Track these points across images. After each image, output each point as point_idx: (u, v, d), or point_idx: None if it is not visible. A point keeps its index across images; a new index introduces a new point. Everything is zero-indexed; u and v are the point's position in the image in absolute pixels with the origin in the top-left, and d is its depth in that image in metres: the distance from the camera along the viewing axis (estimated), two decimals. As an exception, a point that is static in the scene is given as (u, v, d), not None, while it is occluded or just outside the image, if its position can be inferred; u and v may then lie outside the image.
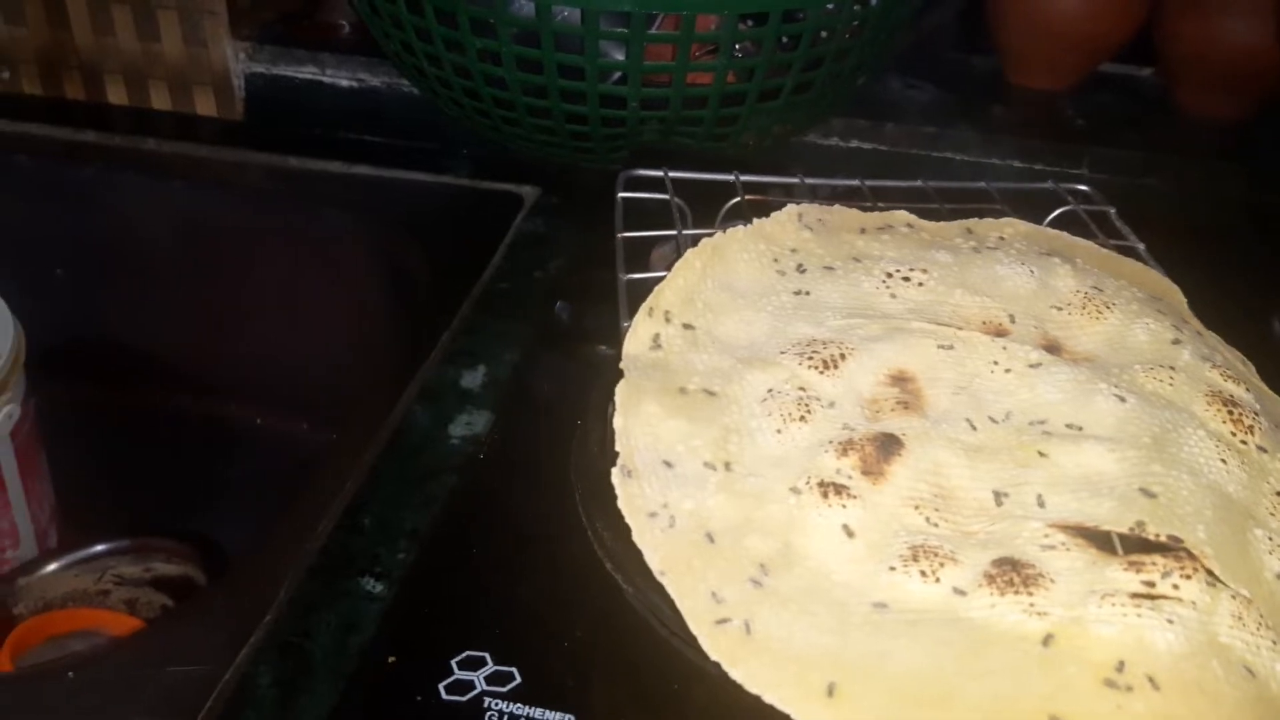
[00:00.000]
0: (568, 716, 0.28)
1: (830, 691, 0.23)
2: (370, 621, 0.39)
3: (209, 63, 0.72)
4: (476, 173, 0.67)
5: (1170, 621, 0.23)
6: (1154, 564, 0.24)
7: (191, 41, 0.72)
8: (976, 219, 0.38)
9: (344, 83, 0.72)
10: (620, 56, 0.54)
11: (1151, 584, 0.24)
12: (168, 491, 0.66)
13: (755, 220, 0.35)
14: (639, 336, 0.31)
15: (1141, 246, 0.40)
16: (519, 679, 0.28)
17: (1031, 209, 0.42)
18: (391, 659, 0.29)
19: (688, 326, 0.32)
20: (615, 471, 0.28)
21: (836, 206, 0.37)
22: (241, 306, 0.69)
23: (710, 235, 0.35)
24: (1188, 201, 0.67)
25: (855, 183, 0.41)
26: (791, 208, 0.36)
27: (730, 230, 0.34)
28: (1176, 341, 0.32)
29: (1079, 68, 0.76)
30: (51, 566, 0.59)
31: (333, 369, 0.65)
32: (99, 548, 0.60)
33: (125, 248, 0.69)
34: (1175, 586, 0.24)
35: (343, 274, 0.66)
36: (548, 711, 0.28)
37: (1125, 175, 0.68)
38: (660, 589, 0.31)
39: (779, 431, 0.28)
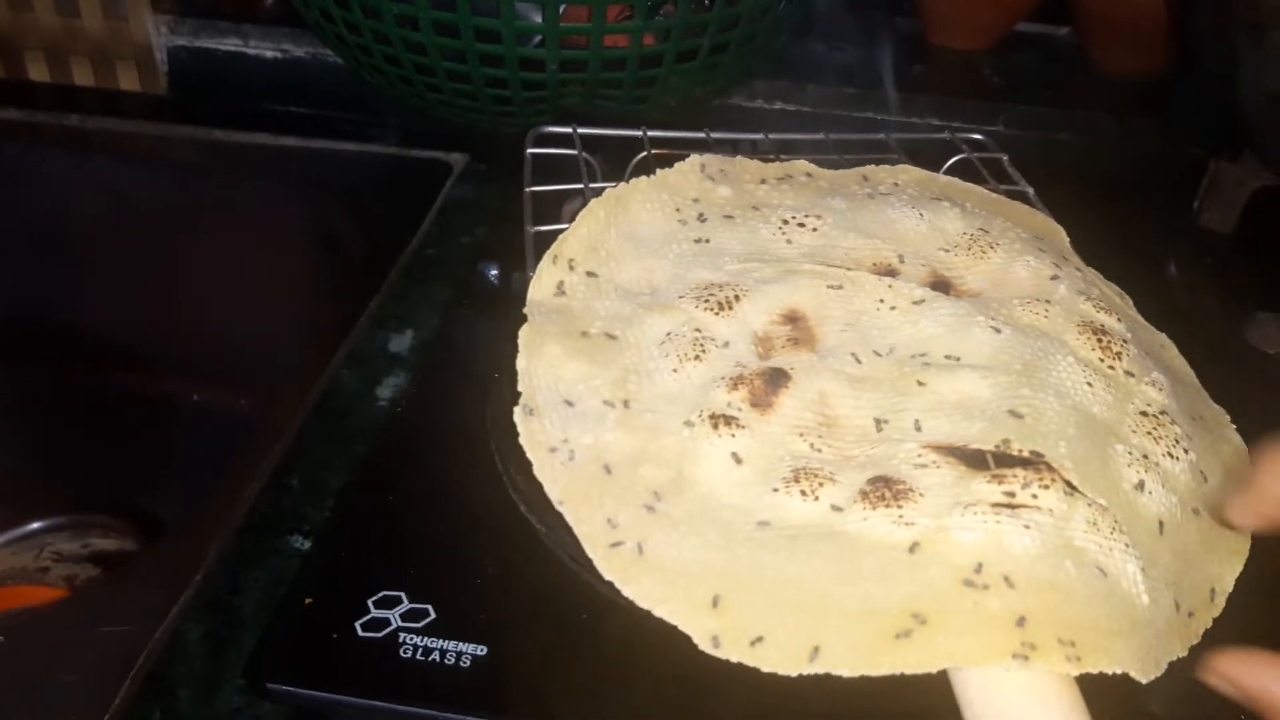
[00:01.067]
0: (481, 647, 0.29)
1: (715, 603, 0.24)
2: (292, 576, 0.40)
3: (130, 37, 0.72)
4: (405, 141, 0.68)
5: (1027, 527, 0.25)
6: (1014, 476, 0.26)
7: (112, 15, 0.71)
8: (872, 166, 0.40)
9: (268, 54, 0.72)
10: (538, 19, 0.54)
11: (1012, 494, 0.26)
12: (105, 469, 0.66)
13: (659, 171, 0.36)
14: (543, 283, 0.33)
15: (1030, 191, 0.42)
16: (434, 615, 0.30)
17: (929, 159, 0.43)
18: (308, 600, 0.30)
19: (591, 274, 0.33)
20: (518, 410, 0.29)
21: (739, 158, 0.38)
22: (173, 281, 0.69)
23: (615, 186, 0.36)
24: (1097, 155, 0.69)
25: (759, 136, 0.42)
26: (694, 158, 0.37)
27: (634, 181, 0.35)
28: (1054, 278, 0.34)
29: (997, 27, 0.78)
30: (-12, 544, 0.59)
31: (267, 341, 0.65)
32: (36, 525, 0.61)
33: (53, 225, 0.69)
34: (1034, 496, 0.26)
35: (274, 246, 0.67)
36: (461, 644, 0.29)
37: (1039, 130, 0.70)
38: (569, 527, 0.32)
39: (675, 370, 0.30)
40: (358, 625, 0.29)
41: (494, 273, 0.48)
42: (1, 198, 0.69)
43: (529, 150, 0.40)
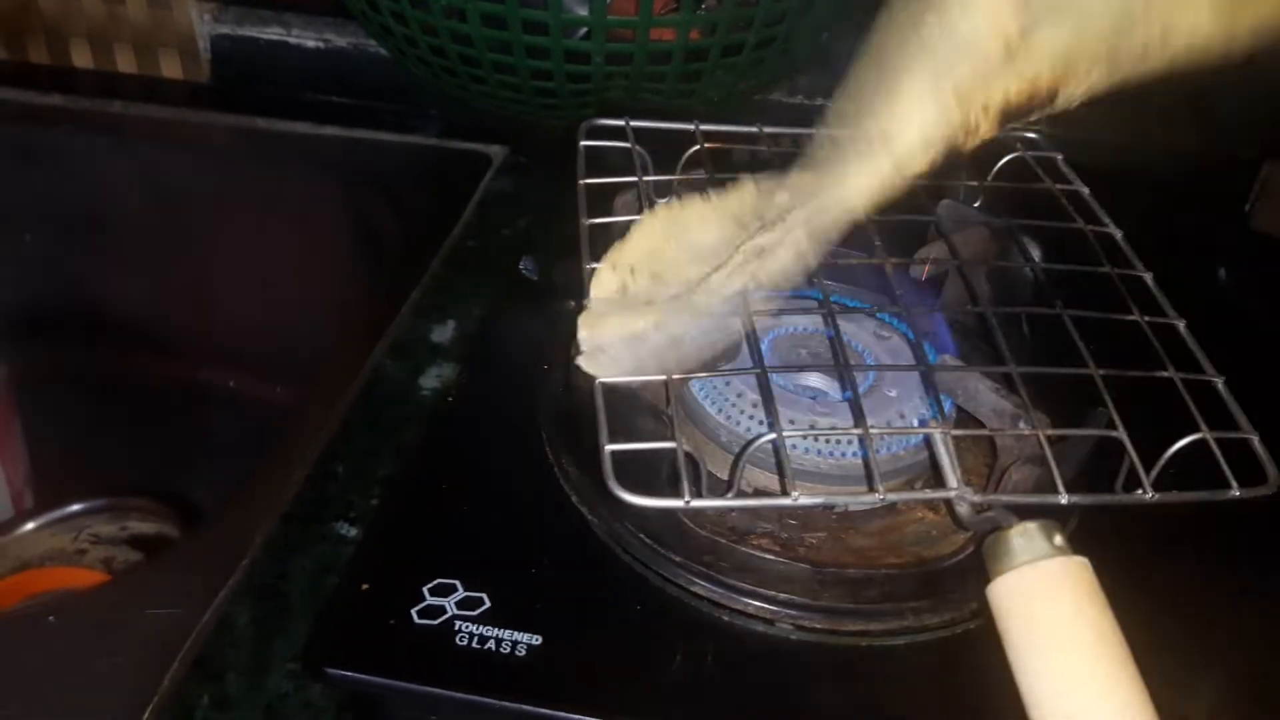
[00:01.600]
0: (536, 637, 0.29)
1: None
2: (345, 563, 0.40)
3: (174, 25, 0.72)
4: (445, 133, 0.68)
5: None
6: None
7: (156, 3, 0.71)
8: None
9: (310, 43, 0.72)
10: (584, 12, 0.54)
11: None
12: (143, 454, 0.67)
13: (712, 194, 0.36)
14: (603, 283, 0.32)
15: (1086, 191, 0.41)
16: (488, 603, 0.30)
17: (980, 157, 0.43)
18: (365, 585, 0.30)
19: (655, 275, 0.33)
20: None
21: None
22: (212, 269, 0.69)
23: (669, 180, 0.36)
24: (1144, 155, 0.68)
25: (812, 131, 0.42)
26: (749, 181, 0.36)
27: (688, 199, 0.35)
28: None
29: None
30: (28, 526, 0.60)
31: (304, 329, 0.65)
32: (75, 507, 0.61)
33: (94, 212, 0.69)
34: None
35: (313, 235, 0.67)
36: (516, 633, 0.29)
37: (1081, 129, 0.69)
38: (622, 518, 0.32)
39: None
40: (414, 612, 0.29)
41: (533, 266, 0.48)
42: (44, 183, 0.69)
43: (582, 143, 0.40)
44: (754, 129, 0.42)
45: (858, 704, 0.28)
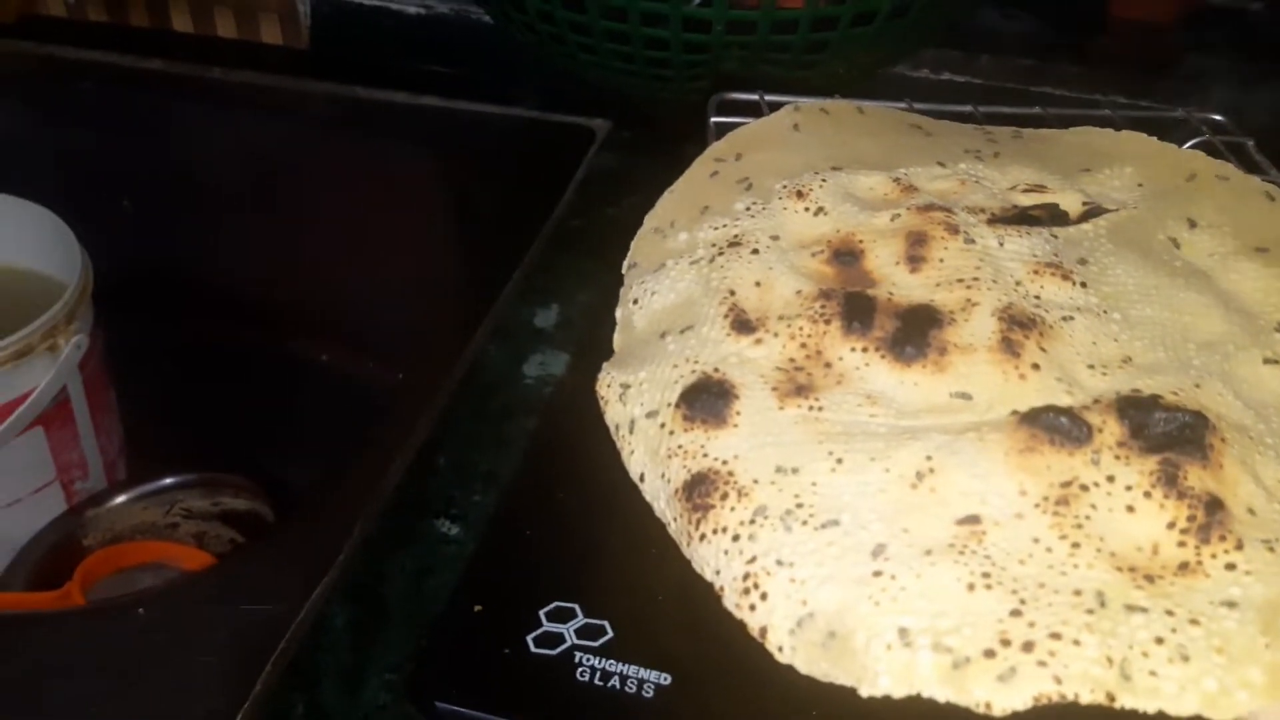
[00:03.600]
0: (665, 675, 0.26)
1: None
2: (445, 565, 0.37)
3: (274, -11, 0.70)
4: (546, 104, 0.65)
5: None
6: None
7: (256, -33, 0.70)
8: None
9: (411, 10, 0.69)
10: (706, -24, 0.50)
11: None
12: (234, 427, 0.66)
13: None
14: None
15: (1290, 182, 0.36)
16: (611, 633, 0.26)
17: (1163, 139, 0.38)
18: (478, 608, 0.27)
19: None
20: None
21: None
22: (307, 240, 0.67)
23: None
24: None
25: (967, 108, 0.38)
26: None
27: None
28: None
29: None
30: (120, 499, 0.59)
31: (399, 305, 0.63)
32: (167, 481, 0.60)
33: (191, 178, 0.68)
34: None
35: (410, 208, 0.65)
36: (643, 669, 0.26)
37: (1237, 112, 0.63)
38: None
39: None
40: (530, 639, 0.26)
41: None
42: (141, 148, 0.68)
43: (713, 119, 0.37)
44: (902, 105, 0.37)
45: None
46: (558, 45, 0.56)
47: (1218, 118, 0.40)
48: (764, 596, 0.22)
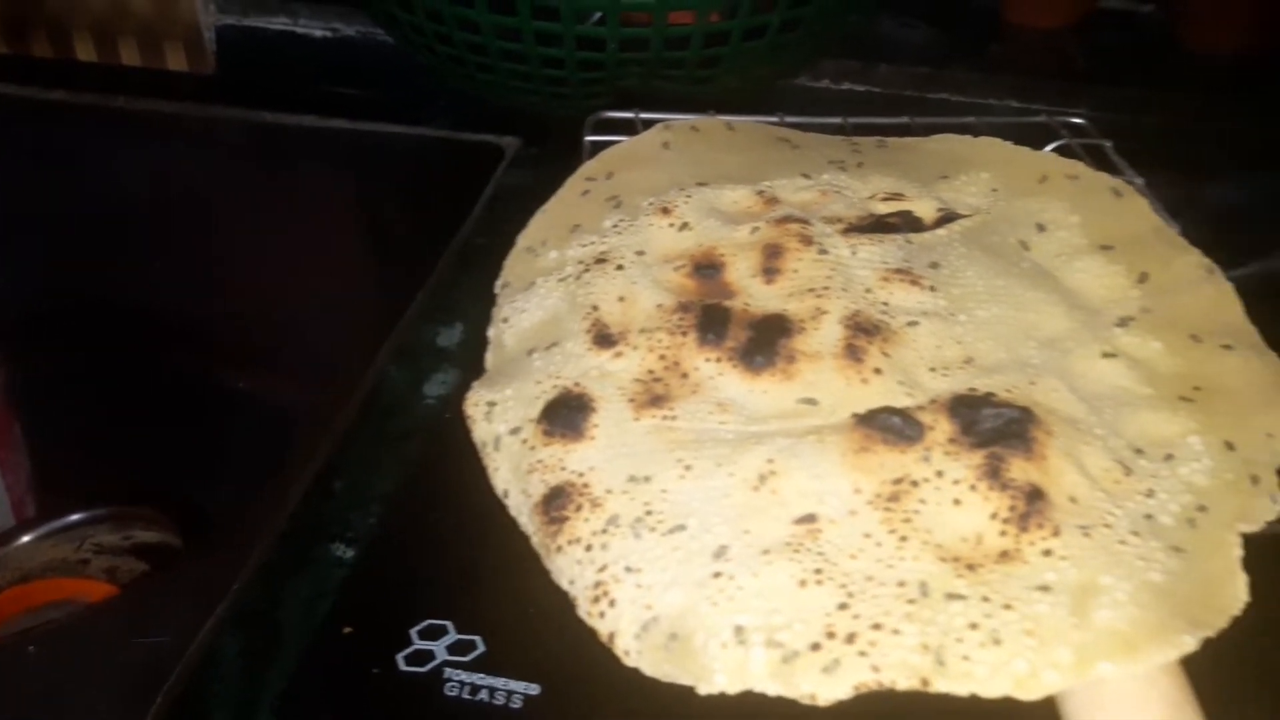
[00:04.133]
0: (534, 686, 0.26)
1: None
2: (339, 589, 0.37)
3: (178, 16, 0.70)
4: (456, 124, 0.65)
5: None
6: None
7: (159, -6, 0.69)
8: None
9: (318, 33, 0.69)
10: (597, -5, 0.51)
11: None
12: (148, 458, 0.65)
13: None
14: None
15: (1140, 181, 0.38)
16: (482, 648, 0.27)
17: (1024, 144, 0.39)
18: (347, 629, 0.27)
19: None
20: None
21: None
22: (220, 266, 0.67)
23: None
24: (1190, 140, 0.64)
25: (837, 120, 0.39)
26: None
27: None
28: None
29: (1079, 3, 0.74)
30: (29, 536, 0.58)
31: (314, 329, 0.63)
32: (76, 516, 0.59)
33: (98, 209, 0.68)
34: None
35: (320, 230, 0.65)
36: (512, 681, 0.26)
37: (1127, 113, 0.65)
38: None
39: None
40: (400, 658, 0.27)
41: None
42: (48, 180, 0.68)
43: (588, 138, 0.37)
44: (774, 119, 0.39)
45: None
46: (457, 66, 0.57)
47: (1078, 121, 0.42)
48: (612, 603, 0.23)
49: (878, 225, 0.31)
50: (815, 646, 0.21)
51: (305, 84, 0.69)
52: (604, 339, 0.28)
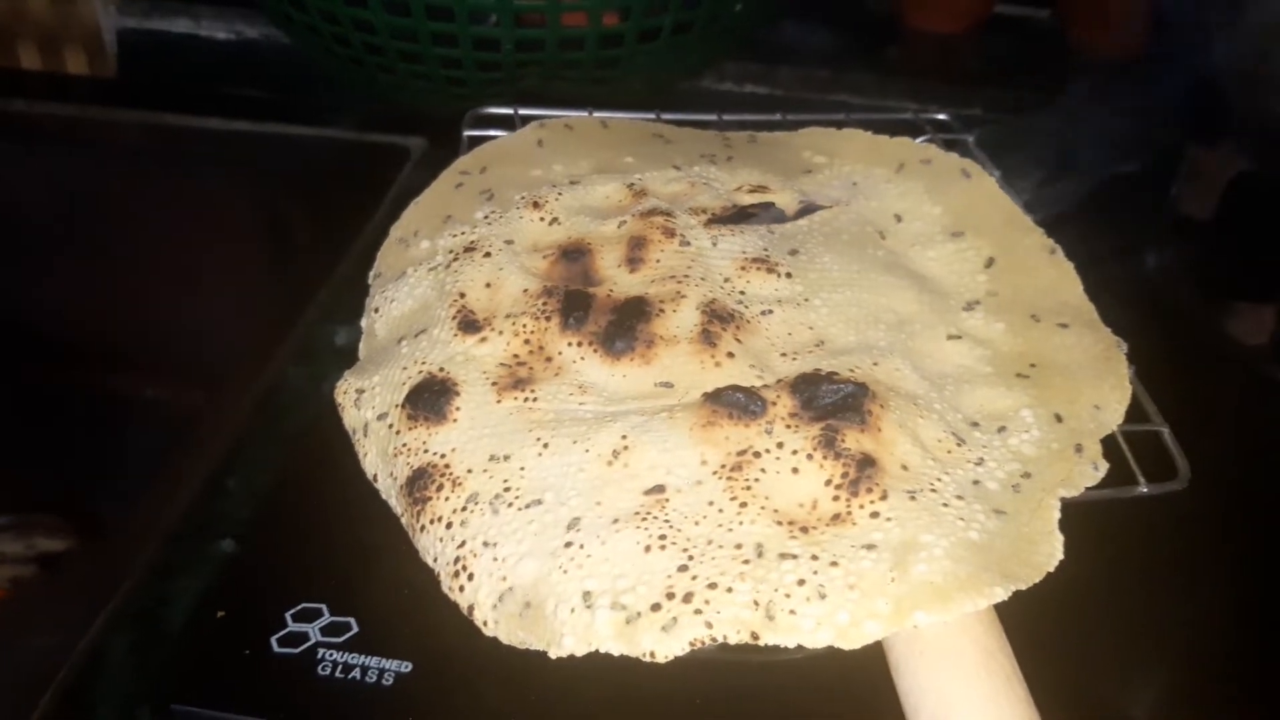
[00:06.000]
0: (405, 663, 0.27)
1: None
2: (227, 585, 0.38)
3: (79, 18, 0.69)
4: (361, 125, 0.65)
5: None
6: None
7: (58, -3, 0.68)
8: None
9: (220, 35, 0.69)
10: (491, -3, 0.52)
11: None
12: (52, 467, 0.64)
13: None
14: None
15: (997, 174, 0.40)
16: (356, 629, 0.28)
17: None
18: (220, 613, 0.28)
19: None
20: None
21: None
22: (123, 271, 0.66)
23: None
24: (1074, 139, 0.67)
25: (712, 117, 0.40)
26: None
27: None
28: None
29: (976, 10, 0.76)
30: (-73, 546, 0.57)
31: (219, 334, 0.63)
32: (-24, 525, 0.58)
33: (-3, 215, 0.66)
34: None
35: (226, 234, 0.64)
36: (384, 660, 0.27)
37: (1016, 113, 0.68)
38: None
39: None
40: (273, 640, 0.27)
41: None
42: (-55, 185, 0.66)
43: (466, 133, 0.38)
44: (650, 115, 0.40)
45: None
46: (356, 67, 0.57)
47: (942, 117, 0.44)
48: (470, 577, 0.24)
49: (740, 216, 0.33)
50: (655, 607, 0.22)
51: (209, 86, 0.68)
52: (469, 325, 0.29)
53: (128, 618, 0.37)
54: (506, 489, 0.25)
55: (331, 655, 0.27)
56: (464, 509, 0.25)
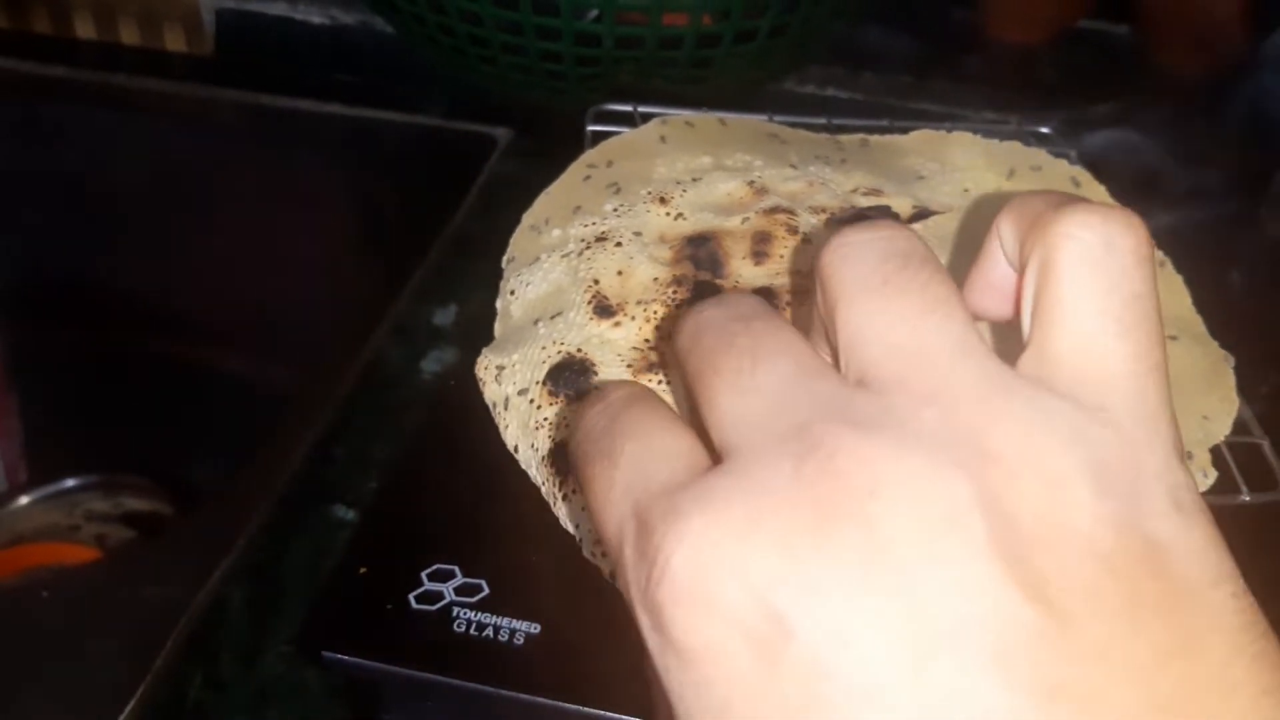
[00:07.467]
0: (534, 625, 0.28)
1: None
2: (341, 548, 0.39)
3: (179, -2, 0.71)
4: (450, 113, 0.67)
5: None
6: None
7: (161, -24, 0.70)
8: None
9: (316, 19, 0.71)
10: (596, -6, 0.53)
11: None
12: (139, 432, 0.66)
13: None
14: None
15: (1102, 189, 0.41)
16: (487, 590, 0.29)
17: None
18: (363, 569, 0.29)
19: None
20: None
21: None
22: (213, 246, 0.68)
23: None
24: (1156, 155, 0.68)
25: (821, 121, 0.41)
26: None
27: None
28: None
29: (1057, 21, 0.77)
30: (22, 500, 0.59)
31: (306, 310, 0.65)
32: (69, 483, 0.61)
33: (94, 185, 0.69)
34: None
35: (315, 214, 0.66)
36: (515, 621, 0.28)
37: (1095, 127, 0.69)
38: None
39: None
40: (411, 597, 0.29)
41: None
42: (44, 156, 0.69)
43: (590, 128, 0.40)
44: (763, 117, 0.41)
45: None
46: (458, 57, 0.59)
47: (1044, 130, 0.45)
48: (613, 545, 0.25)
49: (859, 217, 0.34)
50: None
51: (302, 69, 0.70)
52: (604, 309, 0.30)
53: (245, 572, 0.38)
54: (646, 464, 0.26)
55: (465, 614, 0.28)
56: (605, 481, 0.26)
